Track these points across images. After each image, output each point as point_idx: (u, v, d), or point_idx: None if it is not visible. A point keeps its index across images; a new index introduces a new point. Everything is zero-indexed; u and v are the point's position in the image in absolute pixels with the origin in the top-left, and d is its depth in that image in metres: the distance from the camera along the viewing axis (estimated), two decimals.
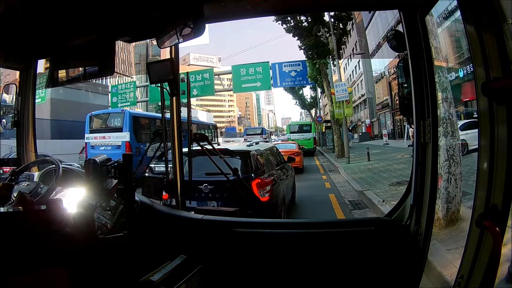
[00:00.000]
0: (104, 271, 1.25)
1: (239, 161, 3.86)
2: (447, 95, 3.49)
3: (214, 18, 1.55)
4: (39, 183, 1.55)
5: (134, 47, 62.54)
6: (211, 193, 3.59)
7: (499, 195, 0.95)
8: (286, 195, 4.72)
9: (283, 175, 4.93)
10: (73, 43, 1.68)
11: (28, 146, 1.99)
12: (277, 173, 4.56)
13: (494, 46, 0.92)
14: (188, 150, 1.92)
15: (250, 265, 1.45)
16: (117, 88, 18.83)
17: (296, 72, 16.30)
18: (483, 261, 0.99)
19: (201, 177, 3.53)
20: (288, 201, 4.89)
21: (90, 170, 1.34)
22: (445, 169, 3.41)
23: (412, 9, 1.29)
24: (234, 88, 16.74)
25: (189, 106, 1.93)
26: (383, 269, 1.34)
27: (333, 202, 6.20)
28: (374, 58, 26.96)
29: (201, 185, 3.57)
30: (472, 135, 7.44)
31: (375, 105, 30.51)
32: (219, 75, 19.32)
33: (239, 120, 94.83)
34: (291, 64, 16.34)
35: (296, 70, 16.29)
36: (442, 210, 3.39)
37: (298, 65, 16.29)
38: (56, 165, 1.52)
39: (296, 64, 16.33)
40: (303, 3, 1.65)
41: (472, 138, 7.48)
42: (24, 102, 1.99)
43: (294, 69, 16.29)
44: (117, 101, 18.37)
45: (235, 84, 16.56)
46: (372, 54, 26.70)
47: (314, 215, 5.51)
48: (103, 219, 1.41)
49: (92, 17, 1.47)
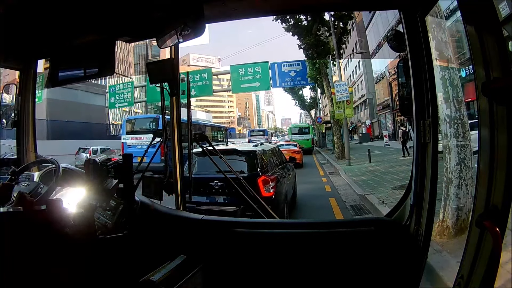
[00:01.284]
0: (104, 271, 1.25)
1: (247, 160, 4.31)
2: (458, 93, 3.23)
3: (214, 18, 1.55)
4: (39, 183, 1.55)
5: (133, 47, 62.43)
6: (221, 189, 3.97)
7: (499, 195, 0.95)
8: (288, 192, 5.04)
9: (286, 174, 5.23)
10: (73, 43, 1.68)
11: (28, 146, 1.99)
12: (279, 172, 4.93)
13: (494, 46, 0.92)
14: (188, 150, 1.92)
15: (250, 265, 1.45)
16: (115, 88, 18.72)
17: (296, 72, 16.07)
18: (483, 261, 0.99)
19: (211, 175, 3.92)
20: (289, 199, 5.21)
21: (90, 170, 1.34)
22: (456, 174, 3.14)
23: (412, 9, 1.29)
24: (233, 88, 16.58)
25: (189, 106, 1.93)
26: (383, 269, 1.34)
27: (333, 206, 6.02)
28: (375, 58, 26.72)
29: (212, 182, 3.98)
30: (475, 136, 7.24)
31: (376, 106, 30.26)
32: (217, 75, 19.01)
33: (238, 121, 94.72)
34: (291, 64, 16.08)
35: (296, 70, 16.05)
36: (451, 218, 3.14)
37: (298, 65, 16.05)
38: (56, 165, 1.52)
39: (296, 64, 16.09)
40: (303, 3, 1.65)
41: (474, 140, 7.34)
42: (24, 102, 1.99)
43: (293, 69, 16.04)
44: (115, 101, 18.33)
45: (233, 84, 16.35)
46: (373, 54, 26.49)
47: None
48: (103, 219, 1.41)
49: (92, 17, 1.47)
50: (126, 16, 1.51)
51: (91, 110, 25.18)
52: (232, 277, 1.45)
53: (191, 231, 1.57)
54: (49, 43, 1.72)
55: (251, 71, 16.01)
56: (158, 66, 1.76)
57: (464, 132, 3.24)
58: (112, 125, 37.71)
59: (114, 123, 41.16)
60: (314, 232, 1.45)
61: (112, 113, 45.10)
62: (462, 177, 3.15)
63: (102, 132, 26.87)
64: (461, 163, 3.15)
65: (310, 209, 5.98)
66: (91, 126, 22.35)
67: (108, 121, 41.60)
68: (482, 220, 0.97)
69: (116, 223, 1.38)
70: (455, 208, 3.15)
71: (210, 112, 58.07)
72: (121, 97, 18.22)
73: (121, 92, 18.30)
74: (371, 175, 8.84)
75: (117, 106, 19.02)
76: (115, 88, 18.79)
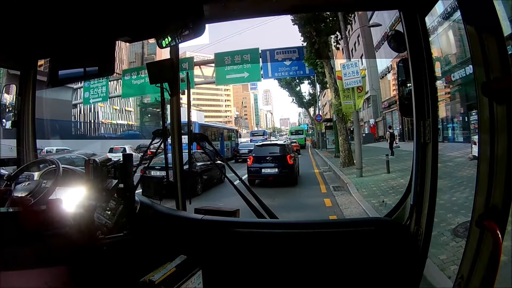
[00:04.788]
0: (104, 271, 1.25)
1: (280, 146, 9.78)
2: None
3: (214, 18, 1.55)
4: (39, 183, 1.55)
5: (128, 45, 62.14)
6: (271, 161, 9.08)
7: (499, 195, 0.96)
8: (298, 165, 10.40)
9: (296, 156, 10.59)
10: (73, 43, 1.68)
11: (28, 146, 1.98)
12: (294, 154, 10.22)
13: (494, 46, 0.92)
14: (188, 150, 1.92)
15: (250, 265, 1.45)
16: (89, 83, 17.29)
17: (291, 61, 13.68)
18: (483, 261, 1.00)
19: (266, 154, 9.21)
20: (298, 171, 10.26)
21: (90, 170, 1.34)
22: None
23: (412, 9, 1.29)
24: (217, 79, 14.56)
25: (189, 106, 1.93)
26: (383, 269, 1.34)
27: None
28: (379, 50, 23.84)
29: (266, 157, 9.14)
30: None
31: (380, 103, 27.61)
32: (199, 65, 16.45)
33: (236, 120, 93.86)
34: (286, 51, 13.72)
35: (292, 58, 13.66)
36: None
37: (294, 52, 13.64)
38: (56, 165, 1.52)
39: (292, 51, 13.67)
40: (304, 3, 1.65)
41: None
42: (24, 102, 1.99)
43: (288, 57, 13.66)
44: (89, 96, 17.13)
45: (218, 75, 14.24)
46: (377, 46, 24.15)
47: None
48: (103, 219, 1.41)
49: (92, 17, 1.47)
50: (126, 16, 1.51)
51: (54, 105, 21.98)
52: (232, 277, 1.45)
53: (191, 231, 1.57)
54: (49, 43, 1.72)
55: (239, 59, 13.84)
56: (158, 66, 1.76)
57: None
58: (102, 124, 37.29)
59: (104, 121, 40.75)
60: (314, 232, 1.45)
61: (102, 111, 44.69)
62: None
63: (69, 130, 23.86)
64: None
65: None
66: (54, 124, 19.35)
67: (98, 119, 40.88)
68: (482, 220, 0.97)
69: (116, 223, 1.38)
70: None
71: (204, 111, 57.77)
72: (96, 91, 17.03)
73: (96, 87, 17.11)
74: (397, 194, 5.72)
75: (91, 101, 17.90)
76: (89, 82, 17.29)
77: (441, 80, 14.54)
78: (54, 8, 1.37)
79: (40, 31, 1.57)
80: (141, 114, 49.59)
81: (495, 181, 0.96)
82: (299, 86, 31.13)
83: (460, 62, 13.66)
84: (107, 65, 1.64)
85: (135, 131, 33.69)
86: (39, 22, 1.47)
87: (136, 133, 31.82)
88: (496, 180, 0.96)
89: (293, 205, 6.33)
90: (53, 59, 1.75)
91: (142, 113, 49.52)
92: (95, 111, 43.44)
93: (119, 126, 37.09)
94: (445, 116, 15.61)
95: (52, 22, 1.48)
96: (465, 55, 12.76)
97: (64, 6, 1.36)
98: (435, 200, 1.29)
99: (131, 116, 50.87)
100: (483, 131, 0.99)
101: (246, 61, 13.86)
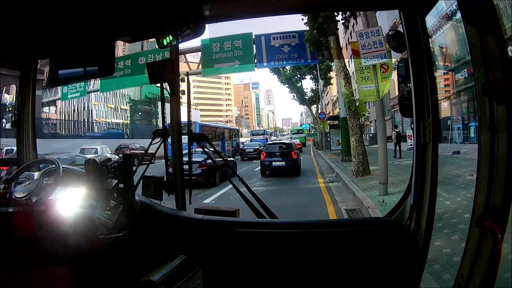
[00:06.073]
0: (104, 271, 1.25)
1: (287, 145, 12.28)
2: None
3: (214, 18, 1.55)
4: (39, 183, 1.55)
5: (129, 45, 61.45)
6: (280, 156, 11.33)
7: (499, 195, 0.96)
8: (300, 161, 12.46)
9: (299, 152, 13.31)
10: (73, 43, 1.68)
11: (28, 146, 1.99)
12: (297, 151, 12.28)
13: (494, 46, 0.92)
14: (188, 150, 1.92)
15: (250, 265, 1.45)
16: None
17: (291, 47, 11.81)
18: (483, 261, 1.00)
19: (276, 150, 11.63)
20: (300, 164, 12.11)
21: (90, 170, 1.35)
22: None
23: (412, 9, 1.29)
24: (204, 69, 12.82)
25: (189, 106, 1.93)
26: (383, 269, 1.34)
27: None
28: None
29: (278, 152, 11.49)
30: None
31: (389, 100, 24.53)
32: (184, 54, 14.00)
33: (237, 120, 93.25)
34: (283, 36, 11.88)
35: (290, 44, 11.80)
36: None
37: (294, 37, 11.79)
38: (56, 165, 1.52)
39: (291, 35, 11.83)
40: (304, 3, 1.66)
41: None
42: (24, 102, 1.99)
43: (287, 43, 11.82)
44: (67, 91, 16.17)
45: (204, 64, 12.37)
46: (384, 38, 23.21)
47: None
48: (103, 219, 1.41)
49: (92, 17, 1.47)
50: (126, 16, 1.51)
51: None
52: (232, 277, 1.45)
53: (191, 231, 1.57)
54: (49, 43, 1.72)
55: (229, 45, 12.06)
56: (158, 66, 1.76)
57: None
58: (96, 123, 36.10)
59: (98, 120, 40.01)
60: (314, 232, 1.45)
61: (96, 109, 44.21)
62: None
63: (38, 128, 23.92)
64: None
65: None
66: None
67: (92, 118, 40.27)
68: (482, 220, 0.97)
69: (116, 223, 1.38)
70: None
71: (207, 110, 56.96)
72: (74, 86, 15.73)
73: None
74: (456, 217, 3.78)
75: (69, 97, 17.05)
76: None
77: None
78: (54, 8, 1.37)
79: (40, 31, 1.57)
80: (131, 112, 45.11)
81: (495, 181, 0.96)
82: (301, 82, 28.87)
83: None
84: (107, 65, 1.64)
85: (117, 130, 29.79)
86: (39, 22, 1.47)
87: (118, 131, 28.37)
88: (496, 180, 0.96)
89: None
90: (53, 59, 1.75)
91: (132, 111, 44.91)
92: (89, 109, 43.01)
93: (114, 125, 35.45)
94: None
95: (52, 22, 1.48)
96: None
97: (64, 6, 1.36)
98: (435, 200, 1.29)
99: (127, 115, 47.83)
100: (483, 131, 0.99)
101: (237, 48, 12.06)
